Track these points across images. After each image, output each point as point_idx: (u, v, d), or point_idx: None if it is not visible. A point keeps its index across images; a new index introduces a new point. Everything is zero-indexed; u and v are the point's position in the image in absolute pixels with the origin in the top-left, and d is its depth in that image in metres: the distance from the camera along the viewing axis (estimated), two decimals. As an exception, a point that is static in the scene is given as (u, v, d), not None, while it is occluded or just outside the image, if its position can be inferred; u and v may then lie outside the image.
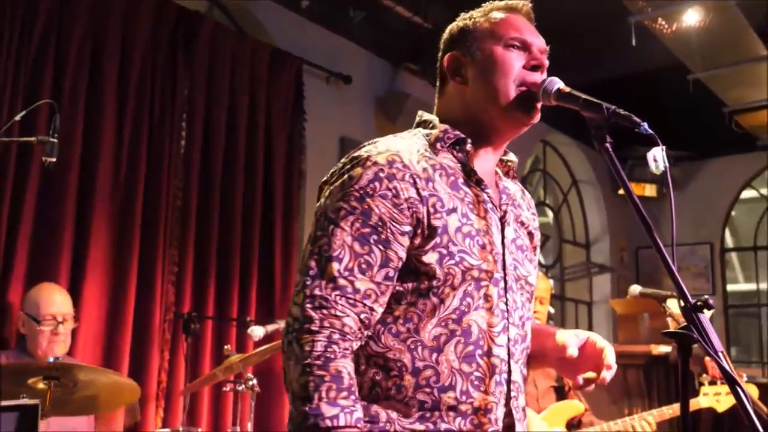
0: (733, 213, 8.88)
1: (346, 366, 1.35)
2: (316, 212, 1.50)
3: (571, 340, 1.55)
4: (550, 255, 8.48)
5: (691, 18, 5.05)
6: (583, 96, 1.54)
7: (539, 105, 1.58)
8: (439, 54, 1.70)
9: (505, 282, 1.52)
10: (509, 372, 1.49)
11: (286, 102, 4.82)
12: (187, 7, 4.47)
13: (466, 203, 1.50)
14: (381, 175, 1.44)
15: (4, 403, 2.02)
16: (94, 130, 3.91)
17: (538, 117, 1.61)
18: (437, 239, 1.43)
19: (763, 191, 8.84)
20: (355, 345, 1.40)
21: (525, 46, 1.58)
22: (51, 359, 2.40)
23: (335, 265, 1.39)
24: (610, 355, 1.53)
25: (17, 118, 2.62)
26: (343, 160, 1.54)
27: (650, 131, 1.48)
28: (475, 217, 1.50)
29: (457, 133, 1.56)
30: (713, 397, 3.43)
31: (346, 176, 1.47)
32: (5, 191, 3.54)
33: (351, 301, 1.38)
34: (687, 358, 1.46)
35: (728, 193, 8.65)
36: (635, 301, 4.79)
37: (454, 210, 1.47)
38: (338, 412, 1.30)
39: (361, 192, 1.43)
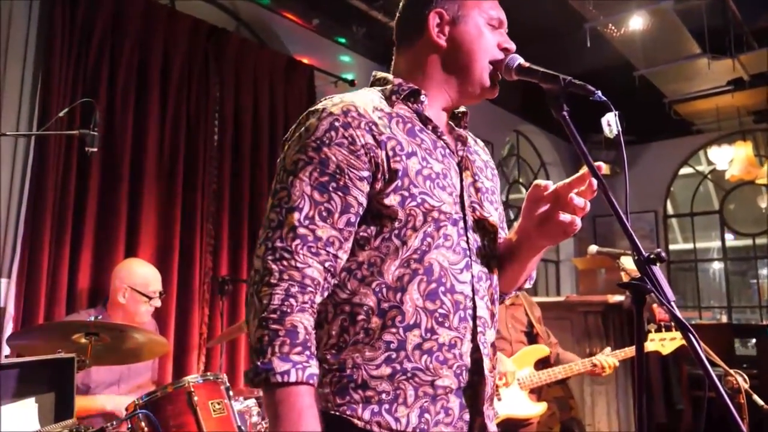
0: (672, 187, 8.63)
1: (303, 320, 1.09)
2: (277, 167, 1.24)
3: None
4: (525, 223, 8.26)
5: (636, 23, 4.83)
6: (542, 69, 1.32)
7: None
8: (409, 1, 1.40)
9: (465, 222, 1.26)
10: (474, 308, 1.24)
11: (300, 101, 4.60)
12: (217, 25, 4.26)
13: (423, 149, 1.25)
14: (336, 124, 1.18)
15: (44, 357, 1.84)
16: (141, 126, 3.73)
17: (497, 91, 1.37)
18: (398, 182, 1.18)
19: (698, 168, 8.60)
20: (318, 297, 1.14)
21: (500, 26, 1.36)
22: (92, 318, 2.21)
23: (296, 215, 1.13)
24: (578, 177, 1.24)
25: (60, 114, 2.43)
26: (302, 115, 1.27)
27: (603, 98, 1.26)
28: (433, 161, 1.25)
29: (411, 85, 1.31)
30: (659, 342, 3.21)
31: (302, 129, 1.22)
32: (71, 178, 3.37)
33: (313, 250, 1.13)
34: (641, 307, 1.25)
35: (669, 169, 8.40)
36: (593, 259, 4.58)
37: (413, 154, 1.22)
38: (290, 367, 1.05)
39: (318, 142, 1.17)
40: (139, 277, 3.00)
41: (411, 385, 1.16)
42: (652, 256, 1.19)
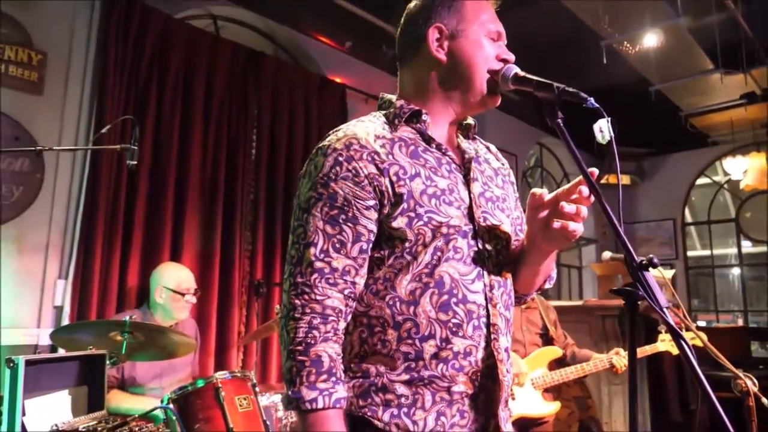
0: (693, 197, 8.33)
1: (326, 349, 1.10)
2: (294, 203, 1.23)
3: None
4: (548, 231, 8.05)
5: (650, 41, 4.66)
6: (536, 78, 1.24)
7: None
8: (410, 16, 1.33)
9: (475, 233, 1.21)
10: (488, 316, 1.19)
11: (333, 118, 4.56)
12: (256, 49, 4.27)
13: (428, 168, 1.20)
14: (340, 159, 1.17)
15: (77, 353, 1.82)
16: (186, 142, 3.74)
17: (499, 100, 1.30)
18: (404, 204, 1.15)
19: (715, 178, 8.28)
20: (342, 324, 1.14)
21: (498, 38, 1.30)
22: (126, 318, 2.19)
23: (312, 250, 1.14)
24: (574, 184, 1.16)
25: (103, 130, 2.43)
26: (313, 151, 1.25)
27: (596, 105, 1.17)
28: (438, 178, 1.20)
29: (412, 106, 1.26)
30: (669, 342, 3.06)
31: (312, 166, 1.21)
32: (122, 189, 3.41)
33: (331, 281, 1.13)
34: (634, 314, 1.15)
35: (686, 180, 8.10)
36: (609, 265, 4.40)
37: (417, 175, 1.18)
38: (317, 395, 1.07)
39: (325, 178, 1.16)
40: (172, 277, 3.00)
41: (429, 391, 1.15)
42: (644, 261, 1.10)
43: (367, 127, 1.23)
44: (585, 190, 1.16)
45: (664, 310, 1.06)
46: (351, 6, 4.32)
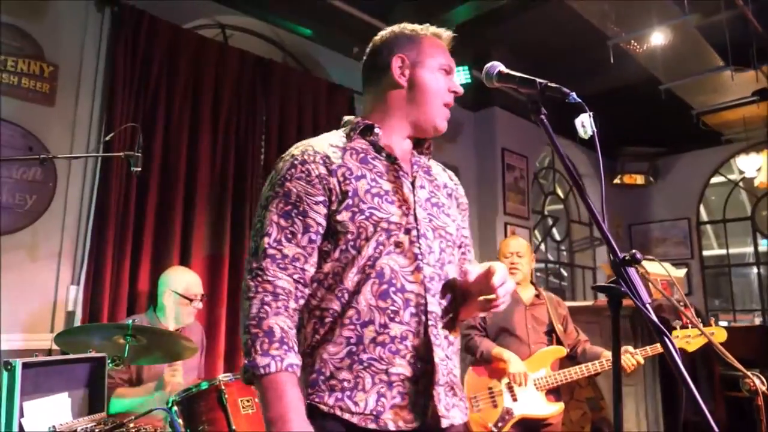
0: (711, 197, 8.18)
1: (278, 322, 1.20)
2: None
3: (472, 268, 1.31)
4: (562, 232, 7.96)
5: (658, 39, 4.59)
6: (519, 75, 1.29)
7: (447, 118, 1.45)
8: (376, 47, 1.49)
9: (418, 230, 1.32)
10: (426, 304, 1.29)
11: (342, 122, 4.56)
12: (265, 56, 4.28)
13: (374, 172, 1.35)
14: (295, 162, 1.33)
15: (79, 355, 1.83)
16: (195, 148, 3.75)
17: (446, 127, 1.46)
18: (349, 200, 1.29)
19: (730, 176, 8.12)
20: (292, 303, 1.24)
21: (450, 71, 1.46)
22: (129, 321, 2.19)
23: (266, 240, 1.27)
24: (497, 275, 1.26)
25: (107, 138, 2.44)
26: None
27: (578, 99, 1.18)
28: (383, 181, 1.34)
29: (366, 121, 1.41)
30: (683, 339, 2.96)
31: (273, 172, 1.37)
32: (132, 195, 3.42)
33: (282, 266, 1.25)
34: (617, 310, 1.13)
35: (701, 178, 7.94)
36: (617, 264, 4.32)
37: (363, 176, 1.33)
38: (269, 360, 1.17)
39: (282, 179, 1.32)
40: (180, 282, 2.99)
41: (368, 374, 1.24)
42: (627, 257, 1.07)
43: (323, 138, 1.40)
44: (495, 283, 1.25)
45: (647, 306, 1.04)
46: (357, 12, 4.31)
